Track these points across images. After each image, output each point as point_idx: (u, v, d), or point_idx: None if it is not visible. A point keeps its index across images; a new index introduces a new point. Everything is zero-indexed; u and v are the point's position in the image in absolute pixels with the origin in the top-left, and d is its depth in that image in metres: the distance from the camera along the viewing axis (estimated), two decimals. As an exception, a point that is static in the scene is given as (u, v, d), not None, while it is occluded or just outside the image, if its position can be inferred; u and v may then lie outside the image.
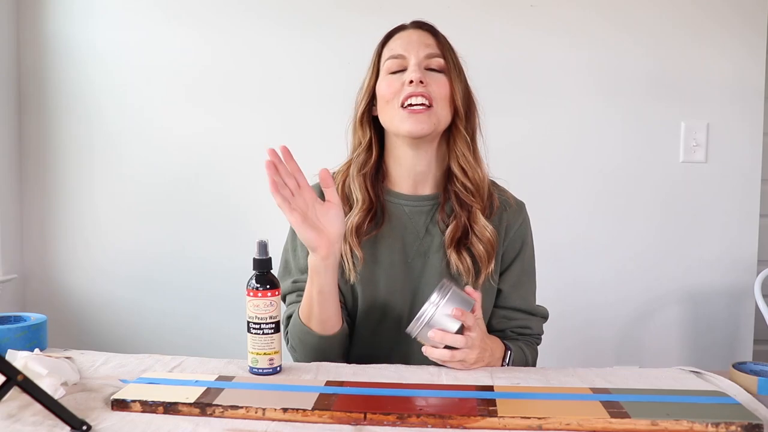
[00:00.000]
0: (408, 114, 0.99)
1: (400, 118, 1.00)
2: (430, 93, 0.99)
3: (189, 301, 1.90)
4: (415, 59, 1.01)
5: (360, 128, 1.07)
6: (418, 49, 1.02)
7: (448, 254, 1.02)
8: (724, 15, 1.82)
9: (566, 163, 1.86)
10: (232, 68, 1.86)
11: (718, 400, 0.73)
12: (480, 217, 1.02)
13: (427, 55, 1.02)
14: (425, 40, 1.03)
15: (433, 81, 1.01)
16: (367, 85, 1.06)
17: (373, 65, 1.07)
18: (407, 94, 0.99)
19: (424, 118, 0.99)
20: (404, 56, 1.02)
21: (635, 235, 1.88)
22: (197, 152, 1.88)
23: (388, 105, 1.02)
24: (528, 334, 1.09)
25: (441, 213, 1.05)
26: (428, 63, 1.02)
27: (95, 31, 1.87)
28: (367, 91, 1.06)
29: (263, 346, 0.84)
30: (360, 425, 0.68)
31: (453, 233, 1.02)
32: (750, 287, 1.78)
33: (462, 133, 1.03)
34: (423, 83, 0.99)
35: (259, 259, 0.85)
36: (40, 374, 0.73)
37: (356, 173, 1.06)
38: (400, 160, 1.06)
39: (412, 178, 1.06)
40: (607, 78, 1.84)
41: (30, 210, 1.92)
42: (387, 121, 1.03)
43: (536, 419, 0.68)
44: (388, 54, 1.04)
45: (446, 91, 1.01)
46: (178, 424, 0.68)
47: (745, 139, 1.85)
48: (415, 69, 1.00)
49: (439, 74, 1.02)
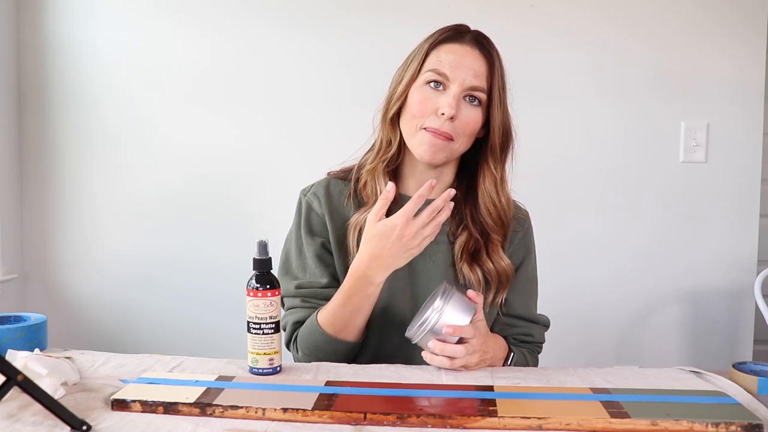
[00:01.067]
0: (429, 139, 0.97)
1: (420, 140, 0.98)
2: (455, 129, 0.97)
3: (189, 301, 1.90)
4: (459, 88, 0.96)
5: (391, 128, 1.03)
6: (465, 76, 0.96)
7: (459, 265, 1.01)
8: (724, 15, 1.82)
9: (566, 163, 1.86)
10: (232, 68, 1.86)
11: (718, 400, 0.73)
12: (498, 250, 1.02)
13: (472, 87, 0.97)
14: (477, 65, 0.97)
15: (465, 115, 0.97)
16: (405, 85, 1.01)
17: (417, 64, 1.00)
18: (432, 126, 0.96)
19: (441, 147, 0.97)
20: (448, 77, 0.96)
21: (635, 235, 1.88)
22: (197, 152, 1.88)
23: (413, 119, 0.99)
24: (530, 341, 1.09)
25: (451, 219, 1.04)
26: (470, 93, 0.97)
27: (95, 31, 1.87)
28: (403, 92, 1.01)
29: (263, 346, 0.84)
30: (360, 425, 0.68)
31: (464, 246, 1.02)
32: (750, 287, 1.78)
33: (491, 171, 1.01)
34: (453, 119, 0.96)
35: (259, 259, 0.85)
36: (40, 374, 0.73)
37: (383, 169, 1.03)
38: (413, 166, 1.05)
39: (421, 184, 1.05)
40: (607, 78, 1.84)
41: (30, 210, 1.92)
42: (407, 133, 1.01)
43: (536, 419, 0.68)
44: (434, 63, 0.98)
45: (474, 128, 0.98)
46: (178, 424, 0.68)
47: (745, 139, 1.85)
48: (452, 103, 0.95)
49: (476, 108, 0.98)
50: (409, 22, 1.05)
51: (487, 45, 1.00)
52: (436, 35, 1.01)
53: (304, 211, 1.08)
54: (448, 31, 1.01)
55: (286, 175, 1.85)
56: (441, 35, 1.00)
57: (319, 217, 1.06)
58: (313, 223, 1.06)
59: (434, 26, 1.06)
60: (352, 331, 0.97)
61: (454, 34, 1.00)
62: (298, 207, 1.09)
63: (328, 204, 1.06)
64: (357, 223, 1.02)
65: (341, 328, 0.97)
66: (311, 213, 1.07)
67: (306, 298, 1.04)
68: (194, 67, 1.87)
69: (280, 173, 1.87)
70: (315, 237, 1.06)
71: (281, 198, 1.13)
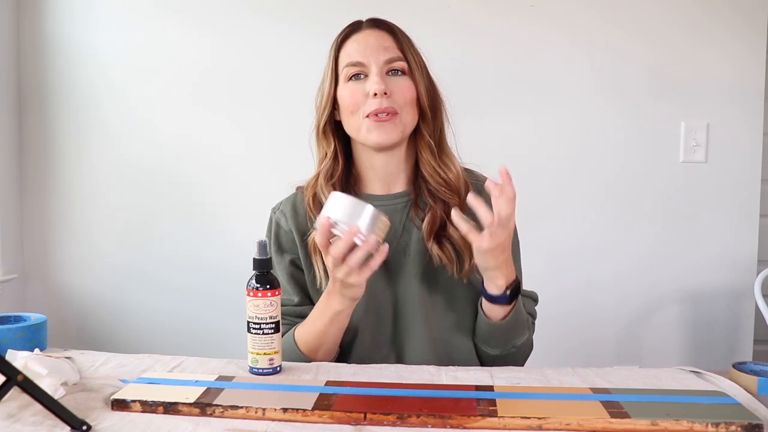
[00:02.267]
0: (375, 124, 0.97)
1: (367, 129, 0.98)
2: (395, 102, 0.97)
3: (189, 301, 1.90)
4: (376, 66, 0.97)
5: (324, 138, 1.05)
6: (377, 54, 0.98)
7: (429, 246, 1.00)
8: (725, 15, 1.82)
9: (565, 163, 1.86)
10: (232, 68, 1.86)
11: (718, 400, 0.73)
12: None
13: (388, 59, 0.98)
14: (383, 41, 0.99)
15: (396, 86, 0.98)
16: (327, 92, 1.03)
17: (331, 70, 1.03)
18: (372, 110, 0.97)
19: (390, 127, 0.98)
20: (363, 63, 0.98)
21: (635, 235, 1.88)
22: (198, 152, 1.88)
23: (352, 116, 1.00)
24: None
25: (415, 208, 1.04)
26: (389, 66, 0.99)
27: (95, 31, 1.87)
28: (328, 99, 1.03)
29: (263, 346, 0.84)
30: (360, 425, 0.68)
31: (430, 225, 1.01)
32: (750, 287, 1.78)
33: (426, 139, 1.02)
34: (387, 94, 0.96)
35: (259, 259, 0.85)
36: (40, 374, 0.73)
37: (325, 183, 1.03)
38: (369, 164, 1.05)
39: (383, 179, 1.05)
40: (606, 78, 1.84)
41: (30, 210, 1.92)
42: (353, 131, 1.02)
43: (536, 419, 0.68)
44: (346, 59, 1.00)
45: (411, 95, 0.99)
46: (178, 424, 0.68)
47: (745, 139, 1.85)
48: (377, 80, 0.96)
49: (402, 77, 0.99)
50: (410, 21, 1.05)
51: (384, 22, 1.03)
52: (337, 38, 1.04)
53: (273, 230, 1.09)
54: (346, 29, 1.04)
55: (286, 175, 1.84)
56: (340, 36, 1.03)
57: (287, 234, 1.06)
58: (282, 240, 1.07)
59: (435, 26, 1.06)
60: (322, 355, 0.98)
61: (352, 28, 1.03)
62: (269, 225, 1.10)
63: (295, 220, 1.06)
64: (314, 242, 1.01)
65: (314, 348, 0.97)
66: (280, 230, 1.07)
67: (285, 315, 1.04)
68: (194, 67, 1.87)
69: (280, 173, 1.84)
70: (285, 255, 1.06)
71: (281, 198, 1.13)
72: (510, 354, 1.00)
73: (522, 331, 1.00)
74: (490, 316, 0.97)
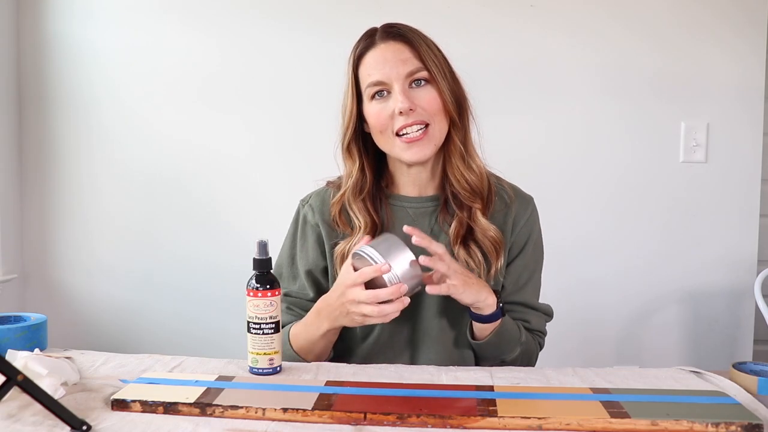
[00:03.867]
0: (407, 145, 0.97)
1: (400, 149, 0.98)
2: (423, 114, 0.97)
3: (189, 301, 1.90)
4: (398, 83, 0.96)
5: (348, 156, 1.04)
6: (397, 68, 0.96)
7: (456, 251, 1.01)
8: (725, 14, 1.82)
9: (565, 163, 1.86)
10: (234, 68, 1.86)
11: (718, 400, 0.73)
12: (480, 218, 1.01)
13: (409, 73, 0.96)
14: (401, 54, 0.97)
15: (422, 98, 0.97)
16: (350, 111, 1.01)
17: (352, 88, 1.01)
18: (401, 126, 0.96)
19: (423, 144, 0.97)
20: (384, 82, 0.97)
21: (635, 235, 1.87)
22: (198, 152, 1.88)
23: (382, 135, 0.99)
24: (527, 328, 1.07)
25: (443, 213, 1.05)
26: (411, 78, 0.97)
27: (95, 31, 1.87)
28: (350, 117, 1.01)
29: (263, 346, 0.84)
30: (360, 425, 0.68)
31: (457, 230, 1.02)
32: (750, 287, 1.78)
33: (457, 144, 1.01)
34: (413, 110, 0.95)
35: (259, 259, 0.85)
36: (40, 374, 0.73)
37: (354, 200, 1.03)
38: (403, 171, 1.05)
39: (416, 183, 1.06)
40: (606, 78, 1.84)
41: (30, 210, 1.92)
42: (386, 149, 1.01)
43: (536, 419, 0.68)
44: (366, 79, 0.98)
45: (438, 104, 0.98)
46: (178, 424, 0.68)
47: (745, 139, 1.85)
48: (401, 99, 0.94)
49: (426, 87, 0.98)
50: (415, 22, 1.04)
51: (397, 30, 1.00)
52: (353, 53, 1.01)
53: (300, 222, 1.09)
54: (360, 42, 1.01)
55: (288, 175, 1.85)
56: (357, 51, 1.01)
57: (314, 228, 1.07)
58: (308, 234, 1.07)
59: (438, 26, 1.06)
60: (313, 358, 0.99)
61: (366, 42, 1.00)
62: (295, 216, 1.10)
63: (323, 217, 1.06)
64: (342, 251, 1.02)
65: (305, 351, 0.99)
66: (306, 224, 1.08)
67: (291, 306, 1.06)
68: (195, 66, 1.87)
69: (282, 174, 1.86)
70: (308, 253, 1.06)
71: (282, 198, 1.13)
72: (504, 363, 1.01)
73: (510, 347, 1.00)
74: (477, 336, 0.99)
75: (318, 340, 0.97)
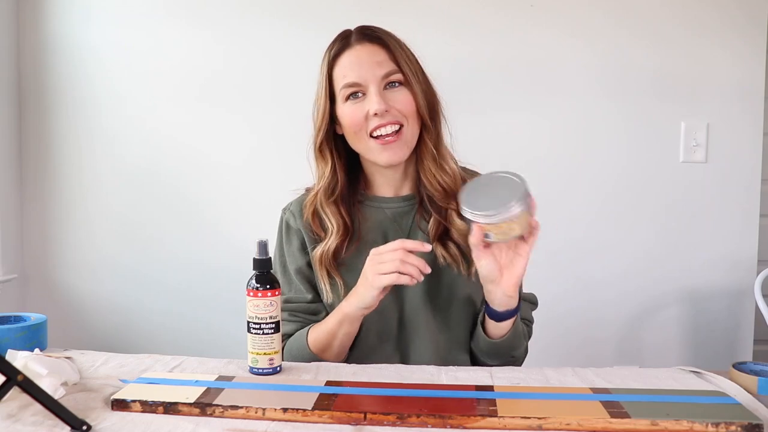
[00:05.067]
0: (381, 146, 0.98)
1: (374, 151, 0.99)
2: (397, 115, 0.97)
3: (189, 301, 1.90)
4: (374, 85, 0.97)
5: (321, 158, 1.04)
6: (373, 70, 0.97)
7: (434, 247, 1.01)
8: (725, 14, 1.82)
9: (565, 163, 1.86)
10: (234, 69, 1.86)
11: (718, 400, 0.73)
12: (455, 219, 1.01)
13: (384, 75, 0.97)
14: (376, 56, 0.98)
15: (396, 100, 0.97)
16: (323, 111, 1.01)
17: (325, 89, 1.01)
18: (375, 126, 0.97)
19: (397, 146, 0.98)
20: (359, 83, 0.97)
21: (635, 235, 1.87)
22: (198, 152, 1.88)
23: (356, 135, 0.99)
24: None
25: (420, 211, 1.05)
26: (386, 80, 0.98)
27: (95, 31, 1.87)
28: (323, 117, 1.01)
29: (263, 346, 0.84)
30: (360, 425, 0.68)
31: (434, 228, 1.03)
32: (750, 287, 1.78)
33: (429, 146, 1.02)
34: (388, 111, 0.96)
35: (259, 259, 0.85)
36: (40, 374, 0.73)
37: (326, 201, 1.03)
38: (378, 172, 1.05)
39: (392, 183, 1.06)
40: (606, 78, 1.84)
41: (30, 210, 1.92)
42: (360, 150, 1.02)
43: (536, 419, 0.68)
44: (341, 80, 0.99)
45: (412, 107, 0.99)
46: (178, 424, 0.68)
47: (745, 139, 1.85)
48: (377, 100, 0.95)
49: (400, 89, 0.99)
50: (408, 21, 1.05)
51: (372, 33, 1.01)
52: (327, 54, 1.02)
53: (284, 229, 1.09)
54: (335, 44, 1.02)
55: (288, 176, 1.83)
56: (331, 51, 1.01)
57: (298, 233, 1.07)
58: (292, 239, 1.08)
59: (437, 26, 1.06)
60: (330, 356, 0.99)
61: (341, 44, 1.01)
62: (279, 224, 1.11)
63: (303, 220, 1.07)
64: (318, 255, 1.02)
65: (322, 348, 0.99)
66: (290, 230, 1.08)
67: (294, 312, 1.05)
68: (195, 67, 1.87)
69: (283, 174, 1.85)
70: (295, 255, 1.07)
71: (283, 199, 1.13)
72: (508, 363, 1.02)
73: (520, 342, 1.02)
74: (492, 335, 0.99)
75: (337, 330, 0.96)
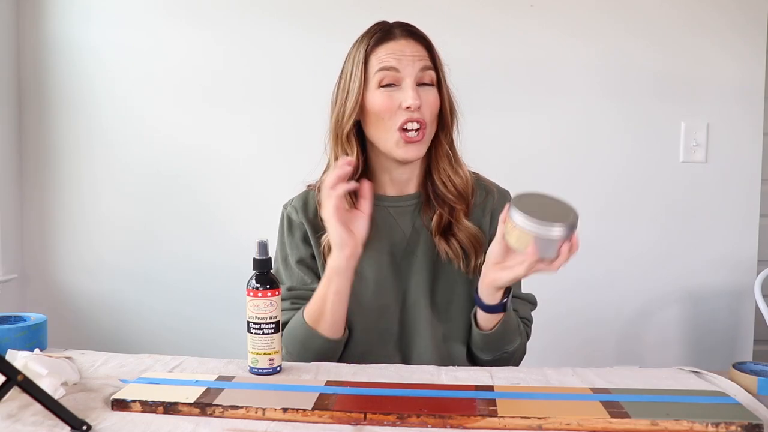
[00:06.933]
0: (404, 142, 0.98)
1: (396, 143, 0.98)
2: (425, 114, 0.98)
3: (189, 301, 1.90)
4: (411, 79, 0.98)
5: (347, 143, 1.03)
6: (413, 65, 0.98)
7: (437, 242, 1.02)
8: (725, 14, 1.82)
9: (565, 163, 1.86)
10: (235, 69, 1.86)
11: (718, 400, 0.73)
12: (463, 219, 1.02)
13: (422, 68, 0.99)
14: (418, 52, 0.99)
15: (426, 99, 0.99)
16: (356, 96, 1.00)
17: (361, 73, 1.00)
18: (406, 119, 0.97)
19: (418, 146, 0.99)
20: (398, 70, 0.98)
21: (635, 235, 1.87)
22: (198, 152, 1.88)
23: (381, 123, 0.99)
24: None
25: (425, 209, 1.06)
26: (421, 77, 0.99)
27: (95, 31, 1.87)
28: (356, 103, 1.00)
29: (263, 346, 0.84)
30: (360, 425, 0.68)
31: (438, 223, 1.03)
32: (750, 287, 1.78)
33: (445, 148, 1.03)
34: (420, 107, 0.97)
35: (259, 259, 0.85)
36: (40, 374, 0.73)
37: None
38: (385, 169, 1.05)
39: (397, 183, 1.06)
40: (606, 78, 1.84)
41: (30, 210, 1.92)
42: (380, 140, 1.01)
43: (536, 419, 0.68)
44: (378, 64, 0.99)
45: (436, 108, 1.01)
46: (178, 424, 0.68)
47: (745, 139, 1.85)
48: (413, 95, 0.96)
49: (431, 89, 1.00)
50: (415, 21, 1.05)
51: (416, 31, 1.03)
52: (368, 41, 1.01)
53: (286, 224, 1.09)
54: (376, 33, 1.01)
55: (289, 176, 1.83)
56: (372, 39, 1.01)
57: (300, 227, 1.07)
58: (294, 233, 1.08)
59: (438, 25, 1.06)
60: (325, 326, 0.97)
61: (383, 33, 1.01)
62: (281, 220, 1.11)
63: (306, 215, 1.07)
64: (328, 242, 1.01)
65: (316, 317, 0.97)
66: (292, 224, 1.08)
67: (296, 300, 1.05)
68: (196, 67, 1.87)
69: (284, 174, 1.85)
70: (298, 247, 1.07)
71: (283, 199, 1.13)
72: (502, 359, 1.02)
73: (513, 337, 1.01)
74: (483, 326, 0.99)
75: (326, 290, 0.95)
